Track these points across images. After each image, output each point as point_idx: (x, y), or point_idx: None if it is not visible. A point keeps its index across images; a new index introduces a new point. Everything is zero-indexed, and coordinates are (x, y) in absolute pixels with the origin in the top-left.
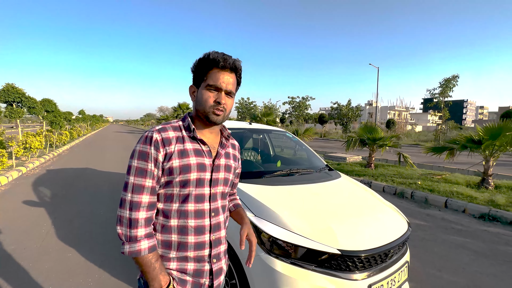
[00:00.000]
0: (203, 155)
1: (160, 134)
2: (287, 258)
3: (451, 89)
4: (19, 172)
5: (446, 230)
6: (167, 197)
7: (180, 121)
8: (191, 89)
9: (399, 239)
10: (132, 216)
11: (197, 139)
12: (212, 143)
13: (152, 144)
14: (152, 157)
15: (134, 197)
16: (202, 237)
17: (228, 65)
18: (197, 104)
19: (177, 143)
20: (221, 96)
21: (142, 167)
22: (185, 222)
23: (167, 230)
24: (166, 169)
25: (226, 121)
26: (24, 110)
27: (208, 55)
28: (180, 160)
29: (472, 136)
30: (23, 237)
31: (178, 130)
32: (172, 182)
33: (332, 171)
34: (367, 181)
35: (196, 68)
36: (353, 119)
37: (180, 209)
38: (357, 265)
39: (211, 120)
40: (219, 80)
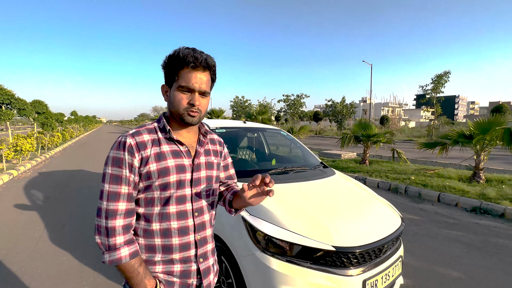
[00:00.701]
0: (181, 156)
1: (134, 138)
2: (283, 256)
3: (443, 85)
4: (10, 176)
5: (439, 224)
6: (148, 201)
7: (155, 123)
8: (163, 89)
9: (392, 234)
10: (109, 225)
11: (174, 140)
12: (190, 142)
13: (126, 149)
14: (127, 163)
15: (110, 205)
16: (187, 238)
17: (200, 64)
18: (170, 106)
19: (153, 146)
20: (195, 98)
21: (116, 174)
22: (168, 224)
23: (149, 235)
24: (143, 174)
25: (221, 120)
26: (14, 112)
27: (177, 52)
28: (157, 164)
29: (464, 131)
30: (15, 242)
31: (153, 133)
32: (152, 186)
33: (326, 168)
34: (362, 178)
35: (166, 67)
36: (348, 116)
37: (162, 212)
38: (351, 261)
39: (187, 121)
40: (192, 81)
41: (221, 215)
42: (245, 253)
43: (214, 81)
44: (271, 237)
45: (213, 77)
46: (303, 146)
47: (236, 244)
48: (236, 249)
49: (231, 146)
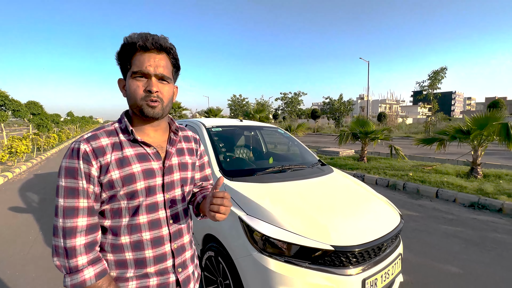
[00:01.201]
0: (149, 159)
1: (89, 143)
2: (281, 256)
3: (439, 81)
4: (5, 178)
5: (437, 219)
6: (114, 212)
7: (116, 123)
8: (120, 84)
9: (392, 232)
10: (67, 245)
11: (139, 142)
12: (159, 142)
13: (81, 157)
14: (83, 172)
15: (67, 222)
16: (162, 248)
17: (151, 45)
18: (128, 99)
19: (114, 151)
20: (151, 83)
21: (71, 186)
22: (139, 236)
23: (118, 249)
24: (105, 184)
25: (217, 119)
26: (8, 114)
27: (126, 38)
28: (120, 171)
29: (461, 127)
30: (9, 245)
31: (113, 135)
32: (117, 196)
33: (324, 166)
34: (360, 175)
35: (119, 57)
36: (345, 113)
37: (131, 224)
38: (350, 260)
39: (147, 114)
40: (145, 64)
41: None
42: (242, 253)
43: (177, 68)
44: (268, 237)
45: (174, 62)
46: (300, 144)
47: (233, 245)
48: (233, 250)
49: (228, 145)
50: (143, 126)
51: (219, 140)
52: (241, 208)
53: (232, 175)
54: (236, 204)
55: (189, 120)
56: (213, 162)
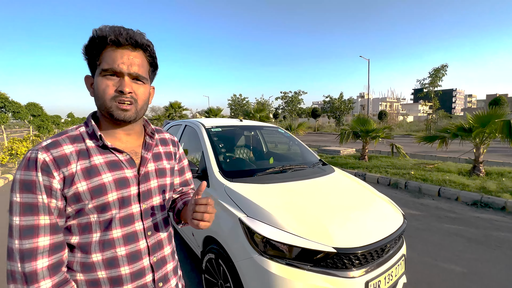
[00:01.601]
0: (121, 166)
1: (49, 152)
2: (282, 259)
3: (440, 78)
4: (5, 180)
5: (440, 218)
6: (83, 227)
7: (82, 127)
8: (88, 81)
9: (395, 233)
10: (26, 269)
11: (109, 148)
12: (133, 147)
13: (39, 168)
14: (42, 186)
15: (25, 243)
16: (139, 264)
17: (126, 40)
18: (95, 99)
19: (80, 160)
20: (124, 83)
21: (29, 202)
22: (113, 252)
23: (90, 268)
24: (70, 197)
25: (216, 119)
26: (9, 115)
27: (96, 31)
28: (87, 182)
29: (463, 125)
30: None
31: (78, 141)
32: (85, 210)
33: (325, 166)
34: (362, 173)
35: (86, 51)
36: (346, 112)
37: (103, 239)
38: (353, 262)
39: (117, 117)
40: (117, 61)
41: (219, 217)
42: (243, 256)
43: (154, 67)
44: (269, 240)
45: (151, 61)
46: (301, 144)
47: (234, 247)
48: (234, 252)
49: (228, 145)
50: (113, 130)
51: (218, 141)
52: (241, 209)
53: (232, 176)
54: (236, 206)
55: (188, 121)
56: (213, 163)
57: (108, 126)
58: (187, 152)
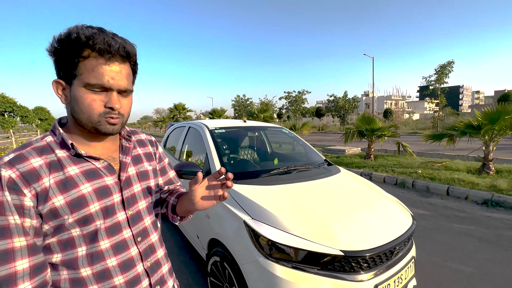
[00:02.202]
0: (100, 174)
1: (14, 168)
2: (288, 262)
3: (446, 75)
4: None
5: (449, 218)
6: (64, 244)
7: (48, 136)
8: (57, 86)
9: (404, 234)
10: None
11: (84, 157)
12: (109, 153)
13: (5, 187)
14: (12, 206)
15: (1, 270)
16: (134, 271)
17: (116, 53)
18: (75, 111)
19: (52, 172)
20: (113, 99)
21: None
22: (103, 265)
23: (80, 284)
24: (46, 213)
25: (220, 120)
26: (17, 120)
27: (77, 33)
28: (64, 196)
29: (471, 122)
30: None
31: (47, 152)
32: (64, 225)
33: (331, 166)
34: (368, 173)
35: (58, 54)
36: (350, 110)
37: (91, 252)
38: (361, 265)
39: (104, 132)
40: (106, 76)
41: (224, 219)
42: (248, 259)
43: (135, 73)
44: (274, 242)
45: (134, 69)
46: (306, 144)
47: (239, 250)
48: (239, 256)
49: (231, 146)
50: (87, 138)
51: (222, 142)
52: (246, 212)
53: (236, 178)
54: (241, 208)
55: (192, 122)
56: (217, 165)
57: (81, 134)
58: (191, 153)
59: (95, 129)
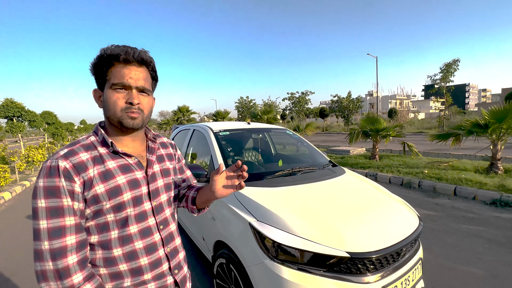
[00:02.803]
0: (132, 169)
1: (68, 160)
2: (294, 264)
3: (452, 73)
4: (23, 187)
5: (457, 219)
6: (101, 227)
7: (92, 136)
8: (96, 94)
9: (411, 236)
10: (59, 266)
11: (120, 154)
12: (139, 152)
13: (61, 174)
14: (66, 190)
15: (55, 243)
16: (156, 254)
17: (132, 58)
18: (105, 110)
19: (96, 165)
20: (133, 95)
21: (54, 206)
22: (132, 246)
23: (112, 262)
24: (89, 199)
25: (224, 123)
26: (25, 124)
27: (105, 50)
28: (105, 184)
29: (478, 121)
30: (26, 253)
31: (92, 149)
32: (103, 210)
33: (336, 167)
34: (373, 173)
35: (95, 68)
36: (355, 110)
37: (122, 235)
38: (368, 267)
39: (127, 125)
40: (126, 76)
41: (229, 221)
42: (254, 261)
43: (155, 80)
44: (280, 244)
45: (153, 75)
46: (310, 145)
47: (244, 252)
48: (245, 258)
49: (236, 148)
50: (121, 137)
51: (227, 144)
52: (251, 214)
53: None
54: (246, 210)
55: (197, 125)
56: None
57: (115, 133)
58: (195, 156)
59: (119, 123)
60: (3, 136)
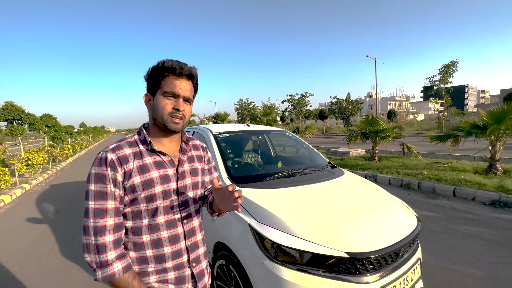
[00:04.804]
0: (165, 166)
1: (114, 153)
2: (293, 264)
3: (451, 75)
4: (23, 190)
5: (457, 220)
6: (135, 214)
7: (136, 135)
8: (146, 98)
9: (409, 236)
10: (98, 242)
11: (156, 152)
12: (172, 151)
13: (108, 164)
14: (110, 178)
15: (98, 221)
16: (178, 245)
17: (184, 72)
18: (153, 113)
19: (135, 159)
20: (179, 103)
21: (101, 190)
22: (158, 235)
23: (140, 247)
24: (128, 188)
25: (223, 125)
26: (25, 127)
27: (163, 63)
28: (141, 176)
29: (477, 122)
30: (26, 256)
31: (134, 146)
32: (137, 199)
33: (335, 168)
34: (372, 175)
35: (150, 76)
36: (354, 112)
37: (151, 224)
38: (366, 267)
39: (170, 128)
40: (177, 87)
41: (229, 223)
42: (253, 262)
43: (196, 91)
44: (280, 245)
45: (196, 87)
46: (309, 146)
47: (244, 253)
48: (244, 258)
49: (235, 150)
50: (160, 138)
51: (226, 146)
52: (251, 215)
53: (240, 181)
54: (246, 211)
55: (197, 127)
56: (221, 169)
57: (157, 134)
58: None
59: (164, 126)
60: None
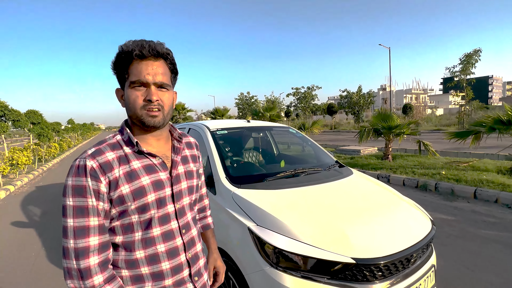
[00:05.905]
0: (156, 170)
1: (95, 159)
2: (296, 271)
3: (473, 65)
4: (7, 191)
5: (477, 223)
6: (126, 228)
7: (118, 135)
8: (118, 94)
9: (422, 241)
10: (81, 266)
11: (144, 153)
12: (163, 151)
13: (88, 174)
14: (91, 189)
15: (79, 242)
16: (178, 259)
17: (147, 53)
18: (127, 109)
19: (121, 165)
20: (151, 92)
21: (81, 205)
22: (154, 249)
23: (134, 265)
24: (115, 199)
25: (221, 121)
26: (9, 124)
27: (122, 47)
28: (130, 185)
29: (500, 117)
30: (12, 262)
31: (117, 148)
32: (128, 211)
33: (342, 168)
34: (385, 175)
35: (115, 66)
36: (366, 106)
37: (145, 237)
38: (375, 274)
39: (148, 124)
40: (143, 73)
41: (227, 227)
42: (253, 268)
43: (175, 73)
44: (281, 250)
45: (172, 68)
46: (315, 144)
47: (243, 259)
48: (244, 265)
49: (235, 148)
50: (144, 136)
51: (225, 144)
52: (251, 218)
53: (240, 182)
54: (245, 214)
55: (192, 123)
56: (219, 169)
57: (139, 132)
58: None
59: (140, 122)
60: None
